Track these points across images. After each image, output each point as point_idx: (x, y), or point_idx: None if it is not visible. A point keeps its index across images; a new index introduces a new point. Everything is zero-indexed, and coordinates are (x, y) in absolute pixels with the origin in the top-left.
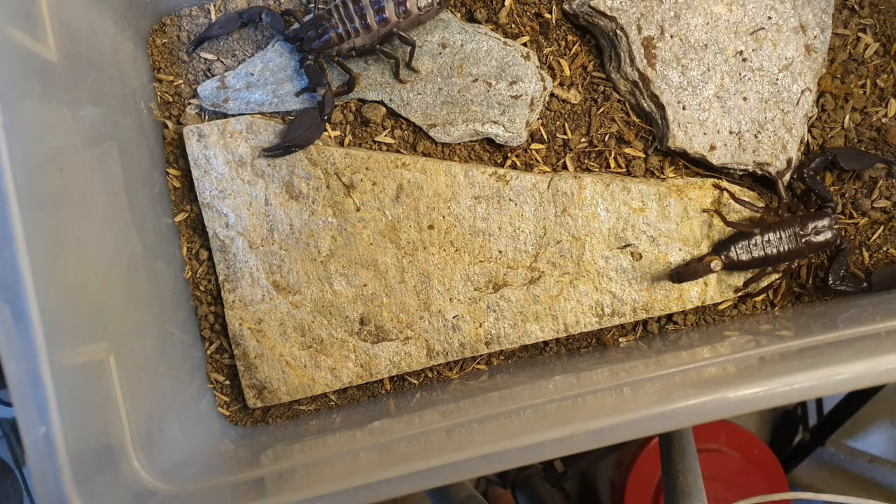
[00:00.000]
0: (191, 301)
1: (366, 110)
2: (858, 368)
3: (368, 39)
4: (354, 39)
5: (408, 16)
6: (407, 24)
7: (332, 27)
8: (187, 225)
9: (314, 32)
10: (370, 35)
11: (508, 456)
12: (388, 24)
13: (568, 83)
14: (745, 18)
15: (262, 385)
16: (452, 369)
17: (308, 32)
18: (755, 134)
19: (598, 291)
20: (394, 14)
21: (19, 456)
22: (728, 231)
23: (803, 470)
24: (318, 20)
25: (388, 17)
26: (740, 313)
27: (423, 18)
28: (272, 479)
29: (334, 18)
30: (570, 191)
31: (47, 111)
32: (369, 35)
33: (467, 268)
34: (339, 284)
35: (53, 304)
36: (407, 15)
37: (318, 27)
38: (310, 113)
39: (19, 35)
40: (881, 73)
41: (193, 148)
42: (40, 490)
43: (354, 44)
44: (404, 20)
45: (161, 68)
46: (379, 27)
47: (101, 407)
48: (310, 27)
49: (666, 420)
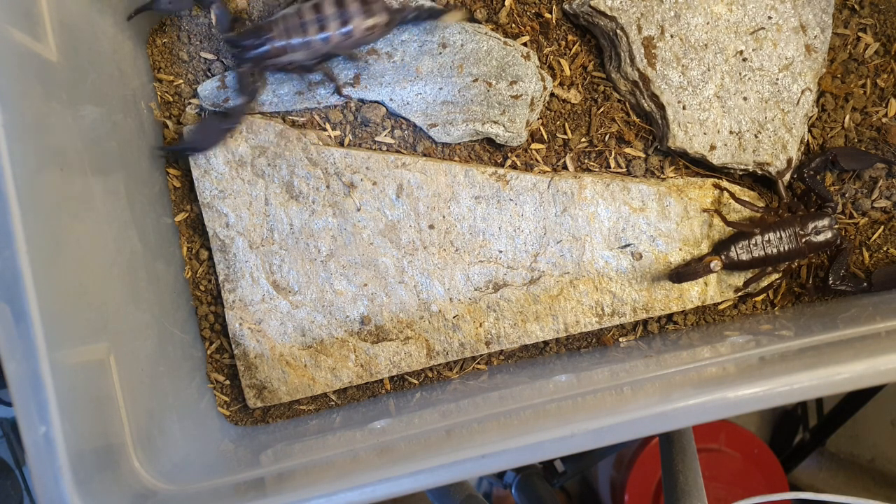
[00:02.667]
0: (191, 301)
1: (366, 110)
2: (858, 368)
3: (309, 55)
4: (293, 55)
5: (350, 37)
6: (349, 45)
7: (271, 39)
8: (187, 225)
9: (252, 42)
10: (311, 52)
11: (508, 456)
12: (330, 43)
13: (568, 83)
14: (746, 18)
15: (262, 385)
16: (452, 369)
17: (247, 41)
18: (755, 134)
19: (598, 291)
20: (336, 34)
21: (19, 456)
22: (728, 231)
23: (803, 470)
24: (259, 30)
25: (331, 36)
26: (740, 313)
27: (366, 40)
28: (272, 479)
29: (276, 31)
30: (571, 191)
31: (47, 111)
32: (310, 52)
33: (467, 268)
34: (339, 284)
35: (53, 304)
36: (350, 36)
37: (258, 37)
38: (214, 120)
39: (19, 35)
40: (881, 73)
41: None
42: (40, 490)
43: (293, 59)
44: (346, 41)
45: (161, 68)
46: (320, 45)
47: (101, 407)
48: (249, 35)
49: (666, 420)
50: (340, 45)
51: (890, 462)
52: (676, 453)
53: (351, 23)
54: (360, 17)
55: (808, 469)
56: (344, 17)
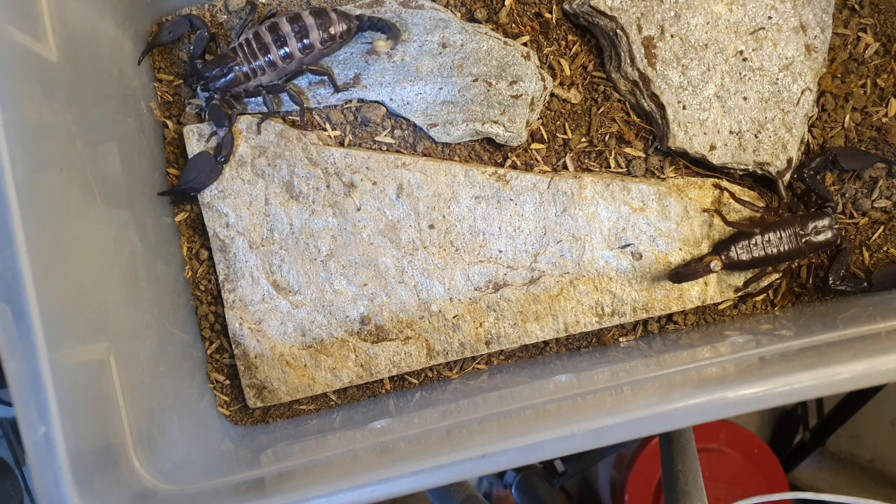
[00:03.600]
0: (191, 301)
1: (366, 110)
2: (858, 368)
3: (276, 76)
4: (261, 77)
5: (311, 51)
6: (312, 58)
7: (237, 65)
8: (187, 225)
9: (219, 71)
10: (276, 72)
11: (508, 456)
12: (293, 59)
13: (568, 83)
14: (746, 18)
15: (262, 385)
16: (452, 369)
17: (213, 71)
18: (755, 134)
19: (598, 291)
20: (297, 50)
21: (19, 456)
22: (728, 231)
23: (803, 470)
24: (223, 59)
25: (292, 52)
26: (740, 313)
27: (327, 52)
28: (272, 478)
29: (239, 56)
30: (571, 190)
31: (47, 111)
32: (276, 72)
33: (467, 268)
34: (339, 284)
35: (53, 304)
36: (310, 50)
37: (223, 66)
38: (206, 156)
39: (19, 35)
40: (881, 73)
41: (193, 148)
42: (40, 490)
43: (261, 81)
44: (308, 55)
45: (161, 68)
46: (284, 63)
47: (101, 407)
48: (214, 66)
49: (666, 420)
50: (304, 60)
51: (890, 462)
52: (676, 453)
53: (309, 37)
54: (316, 30)
55: (808, 469)
56: (301, 31)
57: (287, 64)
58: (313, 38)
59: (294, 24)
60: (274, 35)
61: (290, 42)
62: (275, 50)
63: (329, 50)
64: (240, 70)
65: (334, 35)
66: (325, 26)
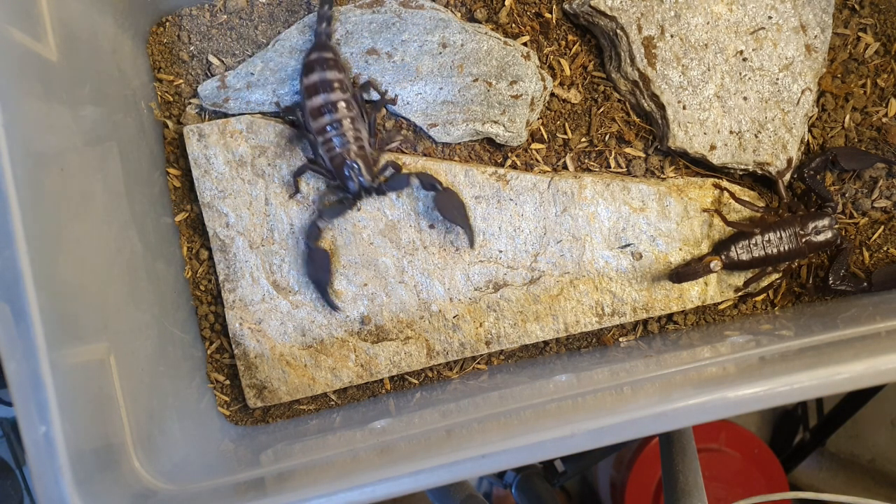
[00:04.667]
0: (191, 301)
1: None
2: (858, 368)
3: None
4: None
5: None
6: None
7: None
8: (187, 225)
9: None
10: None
11: (508, 456)
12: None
13: (568, 83)
14: (746, 18)
15: (263, 385)
16: (452, 369)
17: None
18: (755, 133)
19: (598, 291)
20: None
21: (19, 456)
22: (728, 231)
23: (803, 470)
24: (338, 170)
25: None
26: (740, 313)
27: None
28: (272, 478)
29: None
30: (571, 190)
31: (47, 111)
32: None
33: (467, 267)
34: (339, 284)
35: (53, 304)
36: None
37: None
38: (317, 252)
39: (19, 35)
40: (881, 73)
41: (194, 148)
42: (40, 490)
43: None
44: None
45: (161, 68)
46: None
47: (102, 407)
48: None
49: (666, 420)
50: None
51: (890, 462)
52: (676, 453)
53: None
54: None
55: (808, 469)
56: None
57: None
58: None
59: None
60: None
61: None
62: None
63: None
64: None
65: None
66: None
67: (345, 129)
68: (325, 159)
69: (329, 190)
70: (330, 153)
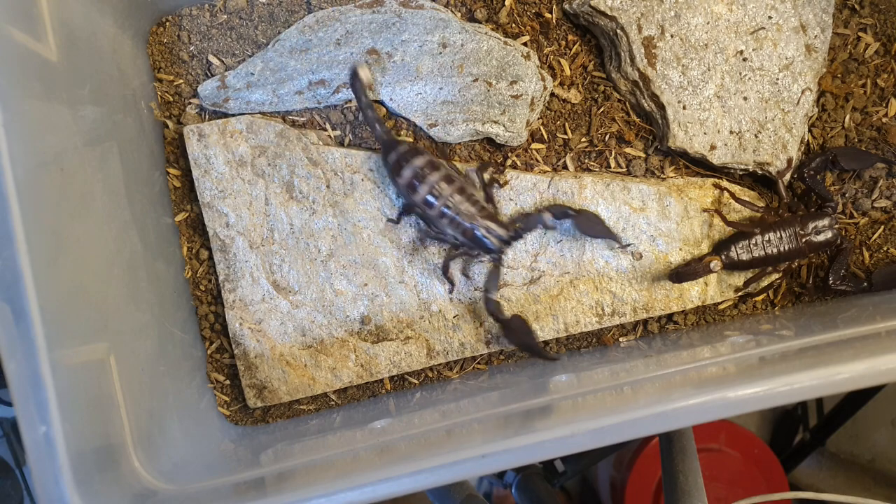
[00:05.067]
0: (191, 301)
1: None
2: (858, 368)
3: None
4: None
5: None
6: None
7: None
8: (187, 225)
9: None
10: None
11: (508, 456)
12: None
13: (568, 83)
14: (746, 18)
15: (263, 385)
16: (452, 369)
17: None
18: (755, 133)
19: (598, 291)
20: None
21: (19, 456)
22: (728, 231)
23: (803, 470)
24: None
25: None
26: (740, 313)
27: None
28: (272, 478)
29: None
30: (571, 190)
31: (47, 111)
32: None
33: (467, 267)
34: (339, 284)
35: (53, 304)
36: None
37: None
38: (511, 321)
39: (19, 35)
40: (881, 73)
41: (194, 148)
42: (40, 490)
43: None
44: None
45: (161, 68)
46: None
47: (102, 407)
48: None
49: (666, 420)
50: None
51: (890, 462)
52: (676, 453)
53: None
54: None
55: (808, 469)
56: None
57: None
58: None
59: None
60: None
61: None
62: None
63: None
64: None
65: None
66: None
67: (458, 202)
68: (456, 237)
69: (473, 259)
70: (458, 229)
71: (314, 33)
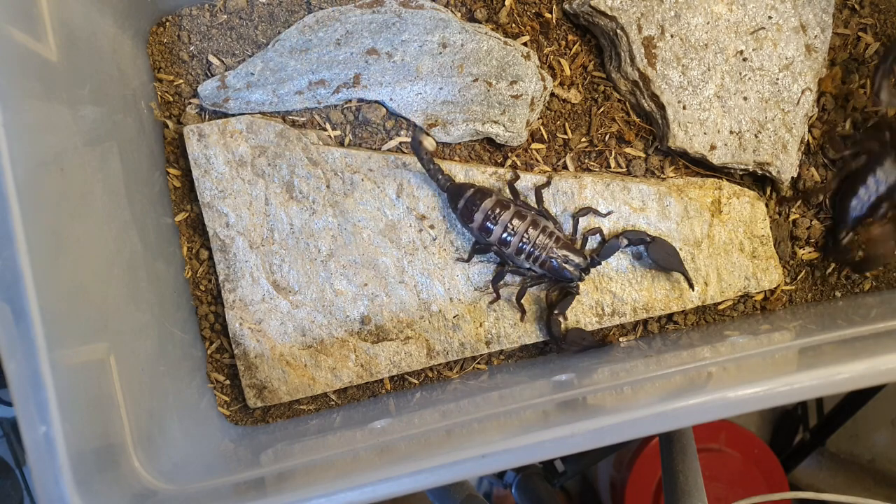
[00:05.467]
0: (191, 301)
1: (366, 110)
2: (858, 368)
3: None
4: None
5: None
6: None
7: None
8: (187, 225)
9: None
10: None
11: (508, 456)
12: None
13: (568, 83)
14: (746, 18)
15: (263, 385)
16: (452, 369)
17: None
18: (755, 133)
19: (598, 291)
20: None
21: (19, 455)
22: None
23: (803, 470)
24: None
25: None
26: (740, 313)
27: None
28: (272, 478)
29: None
30: (571, 190)
31: (47, 111)
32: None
33: (467, 267)
34: (339, 284)
35: (53, 304)
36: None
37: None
38: (573, 333)
39: (19, 35)
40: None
41: (194, 148)
42: (40, 490)
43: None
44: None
45: (161, 68)
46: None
47: (102, 407)
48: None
49: (666, 420)
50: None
51: (890, 462)
52: (676, 453)
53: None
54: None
55: (808, 469)
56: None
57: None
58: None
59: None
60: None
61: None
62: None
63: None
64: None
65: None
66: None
67: (533, 237)
68: (535, 270)
69: (549, 287)
70: (537, 262)
71: (314, 33)
